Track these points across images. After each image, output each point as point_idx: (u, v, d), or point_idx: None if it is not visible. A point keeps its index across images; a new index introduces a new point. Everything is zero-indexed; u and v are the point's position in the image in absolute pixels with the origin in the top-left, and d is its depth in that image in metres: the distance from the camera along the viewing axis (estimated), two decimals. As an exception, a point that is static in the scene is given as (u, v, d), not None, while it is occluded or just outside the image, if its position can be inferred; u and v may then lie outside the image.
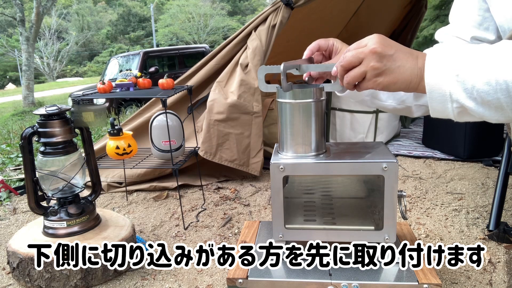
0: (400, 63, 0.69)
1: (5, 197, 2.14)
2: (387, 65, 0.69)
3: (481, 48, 0.66)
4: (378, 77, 0.70)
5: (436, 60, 0.68)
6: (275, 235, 0.95)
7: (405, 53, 0.70)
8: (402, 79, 0.70)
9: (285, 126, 0.90)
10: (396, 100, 0.92)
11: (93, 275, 1.22)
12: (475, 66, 0.64)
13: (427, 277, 0.87)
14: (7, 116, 10.42)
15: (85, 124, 1.31)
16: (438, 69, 0.67)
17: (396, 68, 0.69)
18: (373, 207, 1.02)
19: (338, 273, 0.91)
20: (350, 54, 0.72)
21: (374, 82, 0.71)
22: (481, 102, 0.64)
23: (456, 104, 0.67)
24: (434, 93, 0.68)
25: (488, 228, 1.47)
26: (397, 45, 0.71)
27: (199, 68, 2.33)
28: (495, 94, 0.62)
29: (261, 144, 2.14)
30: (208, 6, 28.30)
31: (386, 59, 0.69)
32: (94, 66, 31.30)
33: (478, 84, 0.63)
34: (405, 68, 0.69)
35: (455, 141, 2.36)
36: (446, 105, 0.68)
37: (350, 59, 0.72)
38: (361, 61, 0.71)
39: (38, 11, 11.79)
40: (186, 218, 1.75)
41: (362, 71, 0.71)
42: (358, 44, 0.73)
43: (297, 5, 2.20)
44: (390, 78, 0.70)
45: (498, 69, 0.62)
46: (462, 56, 0.66)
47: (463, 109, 0.67)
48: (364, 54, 0.70)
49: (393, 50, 0.69)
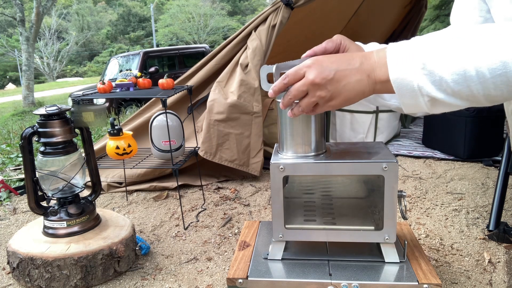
0: (344, 81, 0.68)
1: (5, 197, 2.14)
2: (332, 89, 0.69)
3: (445, 36, 0.63)
4: (330, 102, 0.71)
5: (399, 54, 0.65)
6: (275, 235, 0.95)
7: (346, 68, 0.69)
8: (353, 95, 0.69)
9: (285, 126, 0.90)
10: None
11: (93, 275, 1.22)
12: (440, 55, 0.61)
13: (427, 277, 0.87)
14: (7, 116, 10.42)
15: (85, 124, 1.31)
16: (402, 63, 0.64)
17: (343, 88, 0.69)
18: (373, 207, 1.02)
19: (338, 273, 0.90)
20: (294, 88, 0.72)
21: (328, 107, 0.72)
22: (452, 93, 0.62)
23: (427, 98, 0.64)
24: (402, 90, 0.65)
25: (488, 228, 1.47)
26: (334, 62, 0.70)
27: (199, 68, 2.33)
28: (465, 83, 0.60)
29: (261, 144, 2.14)
30: (208, 6, 28.30)
31: (329, 84, 0.69)
32: (94, 66, 31.30)
33: (446, 75, 0.60)
34: (352, 84, 0.68)
35: (455, 141, 2.36)
36: (417, 99, 0.65)
37: (295, 94, 0.73)
38: (306, 93, 0.72)
39: (38, 11, 11.79)
40: (186, 218, 1.75)
41: (313, 101, 0.72)
42: (296, 73, 0.72)
43: (297, 5, 2.20)
44: (340, 99, 0.70)
45: (465, 56, 0.59)
46: (425, 46, 0.63)
47: (434, 101, 0.64)
48: (306, 86, 0.71)
49: (332, 72, 0.68)
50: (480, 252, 1.35)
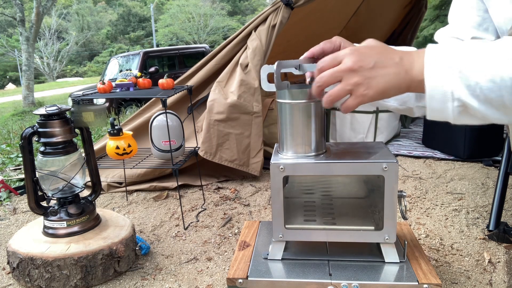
0: (383, 72, 0.67)
1: (5, 197, 2.14)
2: (370, 77, 0.66)
3: (484, 44, 0.64)
4: (366, 91, 0.67)
5: (437, 57, 0.65)
6: (275, 235, 0.95)
7: (386, 59, 0.67)
8: (390, 87, 0.67)
9: (285, 126, 0.90)
10: (398, 100, 0.91)
11: (93, 275, 1.22)
12: (478, 63, 0.62)
13: (427, 277, 0.87)
14: (7, 116, 10.42)
15: (85, 124, 1.31)
16: (439, 66, 0.64)
17: (381, 78, 0.66)
18: (373, 207, 1.02)
19: (338, 273, 0.90)
20: (327, 73, 0.69)
21: (363, 97, 0.67)
22: (484, 99, 0.62)
23: (458, 103, 0.64)
24: (434, 92, 0.64)
25: (488, 228, 1.47)
26: (375, 53, 0.68)
27: (199, 68, 2.33)
28: (499, 91, 0.60)
29: (261, 144, 2.14)
30: (208, 6, 28.30)
31: (367, 71, 0.66)
32: (94, 66, 31.30)
33: (482, 81, 0.61)
34: (390, 76, 0.66)
35: (455, 141, 2.36)
36: (446, 104, 0.65)
37: (328, 79, 0.69)
38: (340, 80, 0.68)
39: (38, 11, 11.79)
40: (186, 218, 1.75)
41: (347, 89, 0.67)
42: (333, 59, 0.69)
43: (297, 5, 2.20)
44: (377, 89, 0.67)
45: (503, 65, 0.59)
46: (465, 53, 0.63)
47: (464, 108, 0.64)
48: (342, 72, 0.67)
49: (373, 61, 0.67)
50: (480, 252, 1.35)
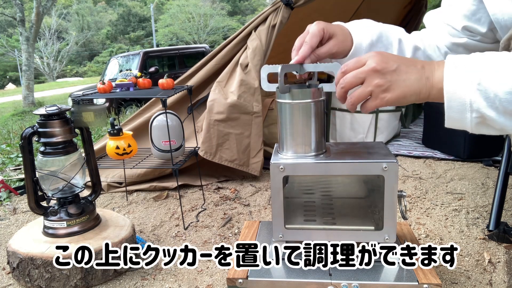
0: (405, 76, 0.67)
1: (5, 197, 2.14)
2: (392, 80, 0.67)
3: (504, 56, 0.64)
4: (385, 93, 0.68)
5: (456, 68, 0.66)
6: (275, 235, 0.95)
7: (408, 65, 0.68)
8: (411, 92, 0.68)
9: (285, 126, 0.90)
10: None
11: (93, 275, 1.22)
12: (497, 75, 0.62)
13: (427, 277, 0.87)
14: (7, 116, 10.43)
15: (85, 124, 1.31)
16: (458, 77, 0.65)
17: (402, 82, 0.67)
18: (373, 207, 1.02)
19: (338, 273, 0.90)
20: (350, 75, 0.69)
21: (381, 100, 0.68)
22: (503, 111, 0.62)
23: (476, 114, 0.64)
24: (452, 102, 0.65)
25: (488, 228, 1.47)
26: (398, 58, 0.69)
27: (199, 68, 2.33)
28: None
29: (261, 144, 2.14)
30: (208, 6, 28.31)
31: (390, 74, 0.67)
32: (94, 66, 31.31)
33: (500, 93, 0.61)
34: (411, 81, 0.67)
35: (455, 141, 2.36)
36: (464, 114, 0.65)
37: (351, 80, 0.70)
38: (363, 81, 0.69)
39: (38, 11, 11.80)
40: (186, 218, 1.75)
41: (368, 91, 0.68)
42: (357, 62, 0.70)
43: (297, 5, 2.20)
44: (397, 92, 0.68)
45: None
46: (484, 64, 0.64)
47: (482, 119, 0.65)
48: (365, 73, 0.68)
49: (395, 65, 0.68)
50: (480, 252, 1.35)
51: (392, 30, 0.94)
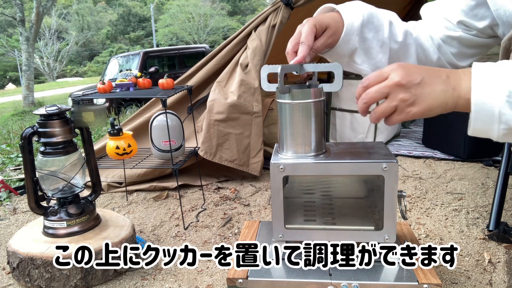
0: (430, 89, 0.66)
1: (5, 197, 2.14)
2: (417, 94, 0.65)
3: None
4: (411, 108, 0.66)
5: (485, 78, 0.64)
6: (275, 235, 0.95)
7: (433, 77, 0.67)
8: (437, 104, 0.66)
9: (285, 126, 0.90)
10: (371, 65, 0.92)
11: (93, 275, 1.22)
12: None
13: (427, 277, 0.87)
14: (7, 116, 10.43)
15: (85, 124, 1.31)
16: (486, 88, 0.63)
17: (428, 95, 0.65)
18: (373, 207, 1.02)
19: (338, 273, 0.90)
20: (373, 90, 0.68)
21: (407, 114, 0.67)
22: None
23: (504, 126, 0.63)
24: (480, 113, 0.63)
25: (488, 228, 1.47)
26: (422, 70, 0.68)
27: (199, 68, 2.32)
28: None
29: (261, 144, 2.14)
30: (208, 6, 28.31)
31: (414, 88, 0.65)
32: (94, 66, 31.31)
33: None
34: (437, 93, 0.65)
35: (455, 141, 2.36)
36: (492, 126, 0.64)
37: (374, 95, 0.68)
38: (387, 96, 0.67)
39: (38, 11, 11.80)
40: (186, 218, 1.75)
41: (393, 106, 0.67)
42: (379, 76, 0.69)
43: (297, 5, 2.20)
44: (423, 106, 0.66)
45: None
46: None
47: (510, 131, 0.63)
48: (389, 88, 0.66)
49: (420, 77, 0.66)
50: (480, 252, 1.35)
51: (384, 13, 0.93)
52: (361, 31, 0.88)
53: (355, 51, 0.90)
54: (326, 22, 0.86)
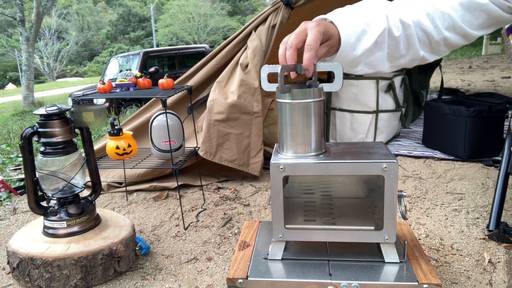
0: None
1: (5, 197, 2.14)
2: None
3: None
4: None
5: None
6: (275, 235, 0.95)
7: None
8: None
9: (285, 126, 0.90)
10: (371, 66, 0.96)
11: (93, 275, 1.22)
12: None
13: (427, 277, 0.87)
14: (7, 116, 10.43)
15: (85, 124, 1.31)
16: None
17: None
18: (373, 207, 1.02)
19: (338, 273, 0.91)
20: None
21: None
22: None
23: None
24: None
25: (488, 228, 1.47)
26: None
27: (199, 68, 2.32)
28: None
29: (261, 144, 2.14)
30: (208, 6, 28.31)
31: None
32: (94, 66, 31.32)
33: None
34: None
35: (455, 141, 2.36)
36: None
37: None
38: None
39: (38, 11, 11.80)
40: (186, 218, 1.75)
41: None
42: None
43: (297, 5, 2.20)
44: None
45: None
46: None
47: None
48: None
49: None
50: (480, 252, 1.35)
51: (379, 15, 0.93)
52: (357, 47, 0.90)
53: (353, 61, 0.93)
54: (331, 32, 0.88)
